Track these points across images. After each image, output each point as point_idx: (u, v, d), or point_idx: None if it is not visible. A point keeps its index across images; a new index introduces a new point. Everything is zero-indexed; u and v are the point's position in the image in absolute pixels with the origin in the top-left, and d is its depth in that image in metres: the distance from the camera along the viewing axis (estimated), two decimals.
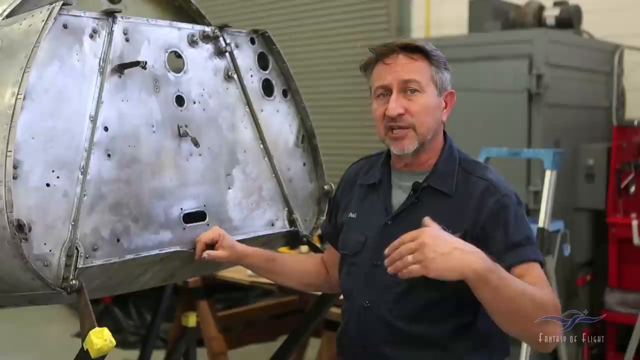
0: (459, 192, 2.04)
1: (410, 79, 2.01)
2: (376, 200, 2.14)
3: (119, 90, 2.17)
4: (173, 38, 2.36)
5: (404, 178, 2.12)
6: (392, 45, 2.04)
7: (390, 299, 2.03)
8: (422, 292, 2.00)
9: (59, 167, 1.98)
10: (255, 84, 2.60)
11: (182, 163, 2.31)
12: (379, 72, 2.06)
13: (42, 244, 1.93)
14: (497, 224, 1.97)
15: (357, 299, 2.10)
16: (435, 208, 2.02)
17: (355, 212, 2.18)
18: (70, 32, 2.07)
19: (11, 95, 1.90)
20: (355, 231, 2.15)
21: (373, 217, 2.12)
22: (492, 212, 1.98)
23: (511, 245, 1.96)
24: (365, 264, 2.10)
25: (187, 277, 3.43)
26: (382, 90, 2.04)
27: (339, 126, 7.67)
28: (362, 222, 2.14)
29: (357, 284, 2.11)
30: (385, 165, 2.17)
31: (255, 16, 8.41)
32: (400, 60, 2.02)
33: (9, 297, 2.08)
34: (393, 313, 2.02)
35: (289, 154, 2.68)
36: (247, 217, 2.51)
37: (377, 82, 2.06)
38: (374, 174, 2.19)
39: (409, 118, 2.01)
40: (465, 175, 2.07)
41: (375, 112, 2.06)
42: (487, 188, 2.02)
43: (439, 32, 6.94)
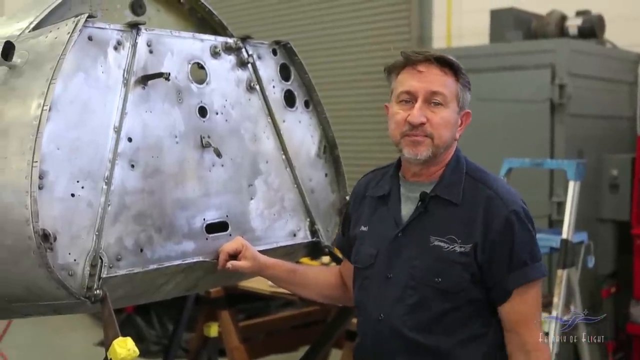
0: (466, 201, 2.05)
1: (437, 91, 2.02)
2: (386, 212, 2.14)
3: (142, 101, 2.19)
4: (196, 49, 2.38)
5: (412, 189, 2.12)
6: (428, 54, 2.05)
7: (403, 311, 2.03)
8: (434, 303, 2.01)
9: (83, 177, 2.00)
10: (277, 94, 2.61)
11: (205, 174, 2.33)
12: (407, 77, 2.06)
13: (67, 253, 1.94)
14: (504, 244, 1.99)
15: (371, 312, 2.10)
16: (443, 218, 2.04)
17: (366, 225, 2.18)
18: (95, 44, 2.09)
19: (37, 106, 1.92)
20: (367, 244, 2.15)
21: (384, 230, 2.12)
22: (500, 230, 1.99)
23: (515, 266, 1.99)
24: (377, 277, 2.10)
25: (209, 287, 3.45)
26: (407, 95, 2.04)
27: (360, 136, 7.66)
28: (374, 235, 2.14)
29: (371, 297, 2.11)
30: (394, 177, 2.18)
31: (277, 27, 8.45)
32: (432, 71, 2.03)
33: (34, 306, 2.10)
34: (407, 325, 2.02)
35: (310, 164, 2.68)
36: (269, 228, 2.52)
37: (403, 86, 2.05)
38: (383, 186, 2.19)
39: (429, 129, 2.02)
40: (473, 184, 2.08)
41: (395, 115, 2.06)
42: (494, 200, 2.02)
43: (460, 42, 6.93)
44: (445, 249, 2.00)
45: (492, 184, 2.07)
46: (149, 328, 6.07)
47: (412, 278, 2.03)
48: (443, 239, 2.01)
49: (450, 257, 1.99)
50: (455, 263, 1.99)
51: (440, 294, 1.99)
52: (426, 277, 2.01)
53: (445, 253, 2.00)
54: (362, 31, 7.86)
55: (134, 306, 5.72)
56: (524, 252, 2.00)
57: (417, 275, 2.02)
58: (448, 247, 2.00)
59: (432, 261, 2.01)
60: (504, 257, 1.99)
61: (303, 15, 8.42)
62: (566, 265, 3.87)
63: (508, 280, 1.99)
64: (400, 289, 2.04)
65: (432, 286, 2.00)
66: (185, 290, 2.49)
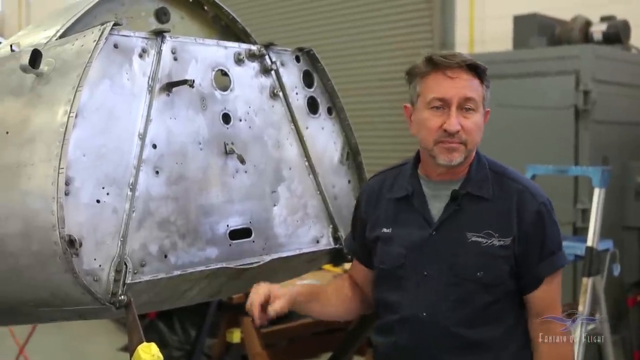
0: (496, 196, 2.10)
1: (470, 97, 2.04)
2: (412, 212, 2.15)
3: (167, 108, 2.20)
4: (220, 57, 2.39)
5: (438, 188, 2.14)
6: (459, 60, 2.05)
7: (447, 306, 2.06)
8: (477, 297, 2.06)
9: (108, 183, 2.02)
10: (300, 101, 2.62)
11: (228, 180, 2.33)
12: (437, 82, 2.05)
13: (92, 259, 1.96)
14: (537, 235, 2.08)
15: (409, 311, 2.11)
16: (477, 214, 2.09)
17: (389, 227, 2.18)
18: (121, 52, 2.11)
19: (64, 113, 1.94)
20: (394, 245, 2.15)
21: (412, 230, 2.12)
22: (533, 222, 2.08)
23: (545, 255, 2.10)
24: (413, 276, 2.11)
25: (232, 293, 3.45)
26: (439, 102, 2.04)
27: (382, 142, 7.66)
28: (401, 236, 2.14)
29: (408, 296, 2.12)
30: (414, 177, 2.18)
31: (299, 33, 8.48)
32: (463, 76, 2.04)
33: (59, 311, 2.12)
34: (452, 320, 2.05)
35: (333, 171, 2.69)
36: (292, 234, 2.52)
37: (433, 92, 2.05)
38: (403, 186, 2.19)
39: (463, 135, 2.04)
40: (498, 179, 2.14)
41: (427, 121, 2.06)
42: (523, 193, 2.11)
43: (483, 48, 6.91)
44: (484, 244, 2.06)
45: (519, 178, 2.17)
46: (171, 334, 6.09)
47: (454, 274, 2.07)
48: (480, 234, 2.06)
49: (490, 251, 2.06)
50: (495, 257, 2.06)
51: (482, 288, 2.06)
52: (468, 272, 2.06)
53: (485, 248, 2.06)
54: (384, 37, 7.86)
55: (156, 312, 5.75)
56: (553, 241, 2.11)
57: (459, 271, 2.06)
58: (486, 241, 2.06)
59: (473, 256, 2.06)
60: (537, 247, 2.08)
61: (325, 22, 8.44)
62: (591, 274, 3.83)
63: (539, 269, 2.09)
64: (442, 285, 2.07)
65: (475, 281, 2.06)
66: (208, 296, 2.49)
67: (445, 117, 2.03)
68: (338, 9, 8.32)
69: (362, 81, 7.97)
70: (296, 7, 8.80)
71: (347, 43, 8.17)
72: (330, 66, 2.73)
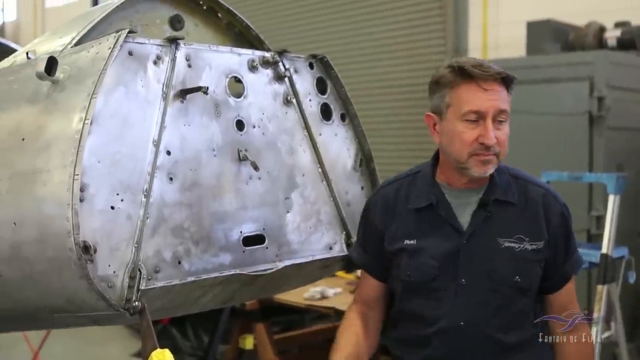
0: (521, 201, 2.14)
1: (503, 109, 2.05)
2: (437, 222, 2.14)
3: (181, 115, 2.21)
4: (234, 64, 2.40)
5: (462, 196, 2.14)
6: (494, 72, 2.04)
7: (487, 314, 2.08)
8: (514, 301, 2.10)
9: (123, 190, 2.02)
10: (313, 108, 2.62)
11: (242, 187, 2.34)
12: (472, 94, 2.04)
13: (107, 265, 1.97)
14: (563, 237, 2.16)
15: (447, 322, 2.11)
16: (506, 219, 2.12)
17: (413, 238, 2.17)
18: (135, 59, 2.12)
19: (79, 120, 1.96)
20: (423, 257, 2.14)
21: (441, 240, 2.12)
22: (559, 225, 2.14)
23: (569, 255, 2.18)
24: (449, 286, 2.11)
25: (246, 299, 3.46)
26: (474, 115, 2.03)
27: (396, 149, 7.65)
28: (429, 247, 2.13)
29: (445, 307, 2.12)
30: (434, 186, 2.17)
31: (312, 40, 8.49)
32: (496, 88, 2.04)
33: (74, 317, 2.13)
34: (492, 327, 2.08)
35: (347, 177, 2.68)
36: (305, 241, 2.52)
37: (469, 105, 2.04)
38: (423, 195, 2.18)
39: (497, 147, 2.05)
40: (519, 183, 2.17)
41: (462, 134, 2.05)
42: (547, 197, 2.16)
43: (496, 53, 6.90)
44: (517, 249, 2.09)
45: (538, 182, 2.23)
46: (184, 340, 6.10)
47: (492, 281, 2.09)
48: (512, 240, 2.09)
49: (524, 255, 2.09)
50: (529, 261, 2.10)
51: (518, 292, 2.11)
52: (505, 278, 2.09)
53: (518, 252, 2.09)
54: (397, 43, 7.86)
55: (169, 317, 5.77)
56: (574, 241, 2.20)
57: (497, 278, 2.09)
58: (519, 246, 2.10)
59: (508, 262, 2.09)
60: (563, 248, 2.16)
61: (338, 29, 8.46)
62: (606, 281, 3.81)
63: (565, 268, 2.17)
64: (480, 293, 2.09)
65: (512, 286, 2.09)
66: (222, 303, 2.50)
67: (481, 129, 2.02)
68: (350, 15, 8.34)
69: (375, 87, 7.97)
70: (309, 14, 8.82)
71: (360, 50, 8.18)
72: (342, 72, 2.74)
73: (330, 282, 4.62)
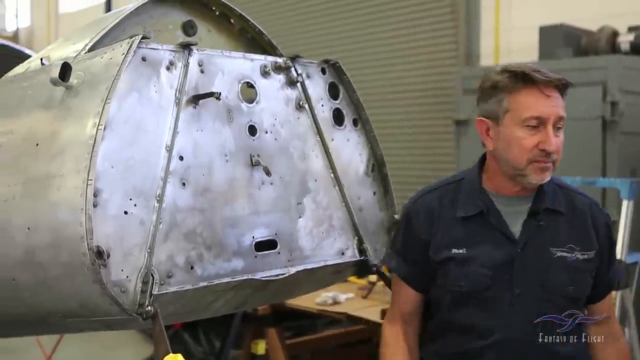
0: (569, 210, 2.14)
1: (562, 116, 2.05)
2: (487, 230, 2.11)
3: (194, 120, 2.22)
4: (246, 69, 2.41)
5: (512, 204, 2.11)
6: (555, 78, 2.03)
7: (543, 324, 2.07)
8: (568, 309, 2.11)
9: (136, 195, 2.03)
10: (326, 113, 2.62)
11: (254, 192, 2.34)
12: (534, 100, 2.02)
13: (120, 270, 1.97)
14: (608, 246, 2.19)
15: (503, 333, 2.08)
16: (557, 229, 2.11)
17: (462, 247, 2.13)
18: (149, 65, 2.13)
19: (92, 125, 1.96)
20: (474, 266, 2.10)
21: (492, 249, 2.09)
22: (605, 234, 2.17)
23: (612, 263, 2.21)
24: (505, 296, 2.08)
25: (258, 304, 3.46)
26: (535, 121, 2.02)
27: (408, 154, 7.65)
28: (480, 256, 2.10)
29: (499, 318, 2.08)
30: (483, 194, 2.14)
31: (324, 45, 8.51)
32: (556, 94, 2.04)
33: (87, 322, 2.14)
34: (550, 337, 2.07)
35: (359, 182, 2.68)
36: (317, 246, 2.52)
37: (530, 110, 2.02)
38: (471, 203, 2.15)
39: (554, 154, 2.05)
40: (564, 193, 2.18)
41: (522, 140, 2.03)
42: (593, 207, 2.19)
43: (509, 59, 6.89)
44: (569, 259, 2.09)
45: (583, 192, 2.24)
46: (196, 344, 6.11)
47: (545, 291, 2.08)
48: (564, 249, 2.09)
49: (576, 265, 2.10)
50: (581, 270, 2.11)
51: (571, 302, 2.11)
52: (559, 288, 2.09)
53: (570, 262, 2.09)
54: (409, 49, 7.86)
55: (181, 322, 5.77)
56: (615, 250, 2.24)
57: (550, 287, 2.08)
58: (570, 256, 2.10)
59: (561, 272, 2.09)
60: (607, 257, 2.18)
61: (350, 34, 8.47)
62: (620, 287, 3.78)
63: (609, 276, 2.20)
64: (535, 303, 2.07)
65: (565, 296, 2.09)
66: (234, 308, 2.50)
67: (541, 135, 2.01)
68: (362, 21, 8.35)
69: (387, 92, 7.97)
70: (321, 20, 8.84)
71: (372, 55, 8.18)
72: (354, 78, 2.74)
73: (342, 288, 4.61)
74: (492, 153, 2.16)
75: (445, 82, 7.36)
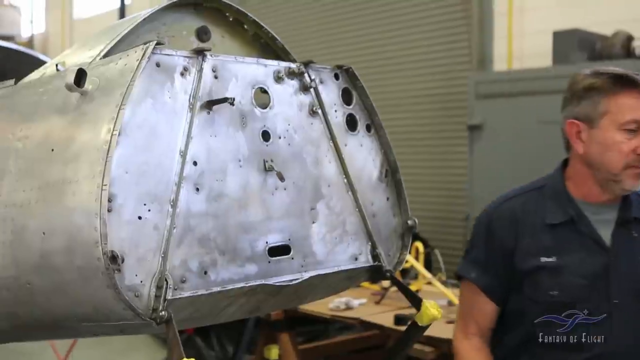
0: None
1: None
2: (577, 238, 2.05)
3: (207, 125, 2.23)
4: (260, 75, 2.41)
5: (600, 211, 2.06)
6: None
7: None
8: None
9: (150, 200, 2.04)
10: (339, 118, 2.62)
11: (268, 197, 2.34)
12: (635, 103, 1.98)
13: (134, 275, 1.98)
14: None
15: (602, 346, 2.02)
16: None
17: (551, 255, 2.06)
18: (163, 70, 2.14)
19: (107, 131, 1.98)
20: (567, 275, 2.04)
21: (584, 257, 2.03)
22: None
23: None
24: (602, 307, 2.02)
25: (271, 310, 3.46)
26: (635, 124, 1.98)
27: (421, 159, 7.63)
28: (572, 265, 2.04)
29: (599, 330, 2.02)
30: (570, 201, 2.08)
31: (337, 51, 8.51)
32: None
33: (101, 326, 2.15)
34: None
35: (372, 188, 2.68)
36: (330, 252, 2.52)
37: (632, 113, 1.98)
38: (560, 210, 2.08)
39: None
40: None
41: (620, 144, 1.98)
42: None
43: (522, 64, 6.86)
44: None
45: None
46: (208, 349, 6.12)
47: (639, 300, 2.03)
48: None
49: None
50: None
51: None
52: None
53: None
54: (422, 53, 7.85)
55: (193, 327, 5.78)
56: None
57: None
58: None
59: None
60: None
61: (363, 39, 8.47)
62: None
63: None
64: (632, 313, 2.01)
65: None
66: (247, 313, 2.50)
67: (638, 140, 1.96)
68: (375, 26, 8.35)
69: (400, 97, 7.96)
70: (333, 25, 8.85)
71: (385, 60, 8.18)
72: (367, 83, 2.73)
73: (355, 293, 4.61)
74: (581, 157, 2.09)
75: (458, 87, 7.35)
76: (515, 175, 5.19)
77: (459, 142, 7.07)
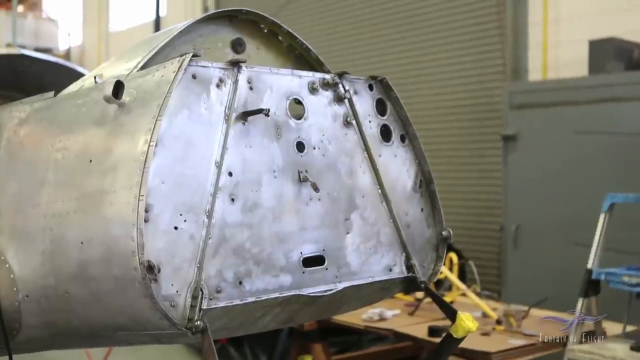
0: None
1: None
2: None
3: (242, 136, 2.24)
4: (294, 86, 2.43)
5: None
6: None
7: None
8: None
9: (186, 210, 2.06)
10: (373, 129, 2.62)
11: (302, 208, 2.35)
12: None
13: (170, 284, 2.00)
14: None
15: None
16: None
17: None
18: (199, 82, 2.16)
19: (144, 142, 2.00)
20: None
21: None
22: None
23: None
24: None
25: (305, 320, 3.45)
26: None
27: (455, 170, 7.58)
28: None
29: None
30: None
31: (371, 61, 8.51)
32: None
33: (137, 335, 2.17)
34: None
35: (407, 199, 2.67)
36: (365, 262, 2.51)
37: None
38: None
39: None
40: None
41: None
42: None
43: (557, 74, 6.79)
44: None
45: None
46: (242, 359, 6.13)
47: None
48: None
49: None
50: None
51: None
52: None
53: None
54: (456, 64, 7.82)
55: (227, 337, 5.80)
56: None
57: None
58: None
59: None
60: None
61: (397, 49, 8.46)
62: None
63: None
64: None
65: None
66: (282, 323, 2.50)
67: None
68: (409, 36, 8.34)
69: (434, 108, 7.93)
70: (367, 36, 8.85)
71: (419, 70, 8.16)
72: (401, 94, 2.73)
73: (389, 304, 4.59)
74: None
75: (493, 97, 7.30)
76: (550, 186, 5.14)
77: (493, 153, 7.02)
